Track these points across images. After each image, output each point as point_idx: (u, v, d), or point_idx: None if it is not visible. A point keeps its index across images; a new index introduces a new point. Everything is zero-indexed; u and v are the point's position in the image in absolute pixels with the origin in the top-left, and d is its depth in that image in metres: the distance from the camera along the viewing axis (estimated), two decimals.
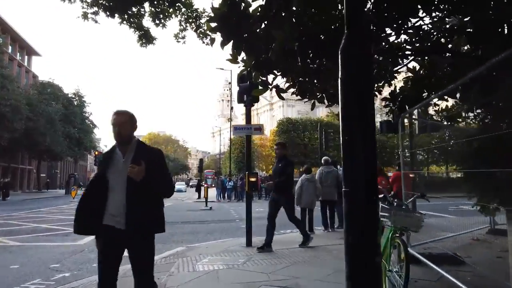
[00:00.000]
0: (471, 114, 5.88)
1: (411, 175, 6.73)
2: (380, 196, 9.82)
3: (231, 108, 32.83)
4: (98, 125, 74.06)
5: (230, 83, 32.37)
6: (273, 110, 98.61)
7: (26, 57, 57.61)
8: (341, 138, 2.11)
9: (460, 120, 6.24)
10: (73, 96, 53.61)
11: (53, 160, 54.16)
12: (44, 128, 40.78)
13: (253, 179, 7.36)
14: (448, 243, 6.60)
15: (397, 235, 3.93)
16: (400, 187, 10.44)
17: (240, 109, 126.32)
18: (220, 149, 74.00)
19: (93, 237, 2.87)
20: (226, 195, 29.10)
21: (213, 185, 36.77)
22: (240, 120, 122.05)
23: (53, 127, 42.47)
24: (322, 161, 9.70)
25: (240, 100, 7.30)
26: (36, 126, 40.03)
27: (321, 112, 71.04)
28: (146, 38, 8.48)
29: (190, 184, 61.19)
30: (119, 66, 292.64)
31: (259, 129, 7.63)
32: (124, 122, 2.84)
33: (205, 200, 19.03)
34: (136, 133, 3.00)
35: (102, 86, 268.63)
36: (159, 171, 2.81)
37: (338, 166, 10.16)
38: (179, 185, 47.17)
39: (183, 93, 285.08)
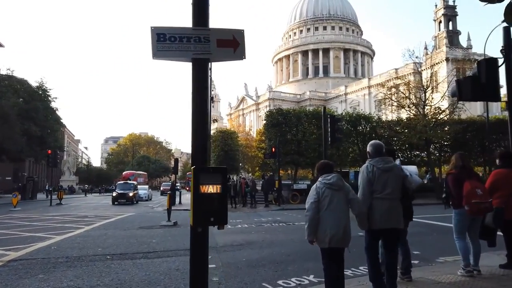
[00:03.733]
0: None
1: None
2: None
3: (211, 98, 27.91)
4: (78, 125, 67.78)
5: (210, 69, 27.25)
6: (259, 111, 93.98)
7: None
8: None
9: None
10: (36, 89, 47.62)
11: (12, 161, 48.08)
12: None
13: (211, 189, 2.36)
14: None
15: None
16: (509, 196, 5.43)
17: (225, 109, 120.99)
18: None
19: None
20: None
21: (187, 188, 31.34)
22: (225, 121, 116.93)
23: (6, 123, 36.68)
24: (369, 149, 4.64)
25: None
26: None
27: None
28: None
29: (162, 188, 50.49)
30: (99, 65, 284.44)
31: (234, 43, 2.64)
32: None
33: (168, 212, 13.85)
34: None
35: (81, 83, 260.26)
36: None
37: (397, 161, 5.08)
38: (141, 190, 35.58)
39: (168, 93, 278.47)
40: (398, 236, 4.64)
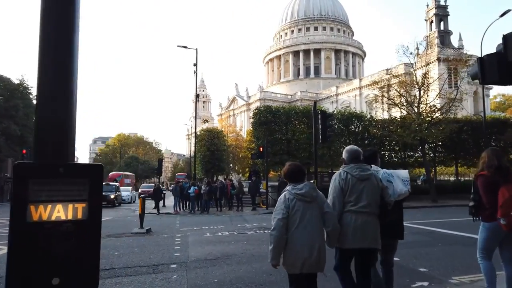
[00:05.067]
0: None
1: None
2: None
3: (197, 96, 26.72)
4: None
5: (195, 64, 26.01)
6: (250, 111, 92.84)
7: None
8: None
9: None
10: (17, 87, 45.72)
11: None
12: None
13: (60, 214, 1.05)
14: None
15: None
16: None
17: (216, 109, 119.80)
18: (193, 151, 67.34)
19: None
20: (187, 204, 22.65)
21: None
22: (216, 122, 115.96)
23: None
24: (344, 156, 3.94)
25: None
26: None
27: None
28: None
29: (140, 191, 38.52)
30: (89, 64, 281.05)
31: None
32: None
33: (140, 217, 12.52)
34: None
35: None
36: None
37: (372, 167, 3.98)
38: (124, 191, 33.55)
39: (158, 93, 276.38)
40: (373, 258, 3.82)
